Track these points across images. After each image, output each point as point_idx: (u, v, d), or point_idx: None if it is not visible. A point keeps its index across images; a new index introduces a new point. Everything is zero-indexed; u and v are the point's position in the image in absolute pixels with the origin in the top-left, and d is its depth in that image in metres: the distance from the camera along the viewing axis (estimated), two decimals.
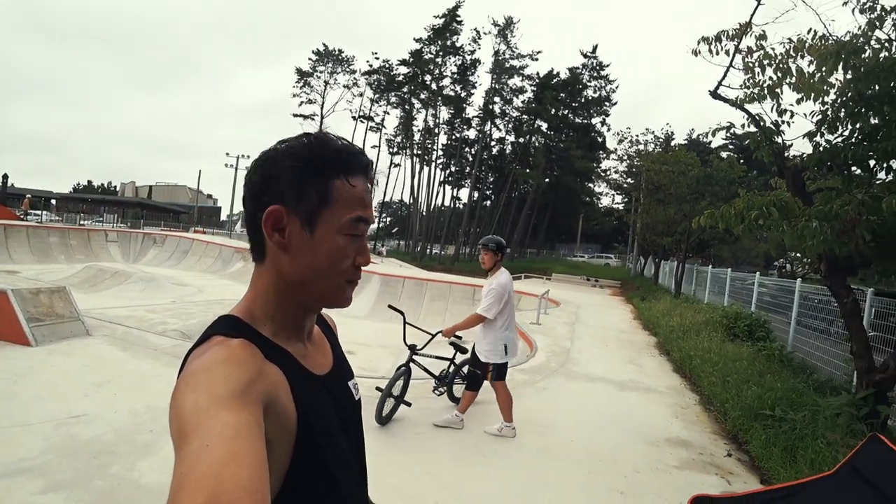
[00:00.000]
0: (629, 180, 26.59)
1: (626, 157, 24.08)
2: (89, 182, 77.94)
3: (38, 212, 28.00)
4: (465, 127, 42.07)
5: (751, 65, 3.61)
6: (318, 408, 0.65)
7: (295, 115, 41.56)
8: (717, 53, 3.65)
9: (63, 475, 2.66)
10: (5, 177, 28.37)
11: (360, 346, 8.99)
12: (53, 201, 38.48)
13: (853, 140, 3.44)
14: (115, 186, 74.62)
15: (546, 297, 11.20)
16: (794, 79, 3.41)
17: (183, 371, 0.56)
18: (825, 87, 3.37)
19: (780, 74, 3.47)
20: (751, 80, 3.66)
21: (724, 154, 20.63)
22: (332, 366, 0.76)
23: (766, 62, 3.53)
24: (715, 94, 3.79)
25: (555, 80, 40.39)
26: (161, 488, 2.58)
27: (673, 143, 23.09)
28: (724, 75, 3.74)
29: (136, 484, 2.63)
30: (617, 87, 41.87)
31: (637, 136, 23.56)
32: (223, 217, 61.14)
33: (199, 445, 0.43)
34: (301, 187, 0.64)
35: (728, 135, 4.12)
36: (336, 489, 0.66)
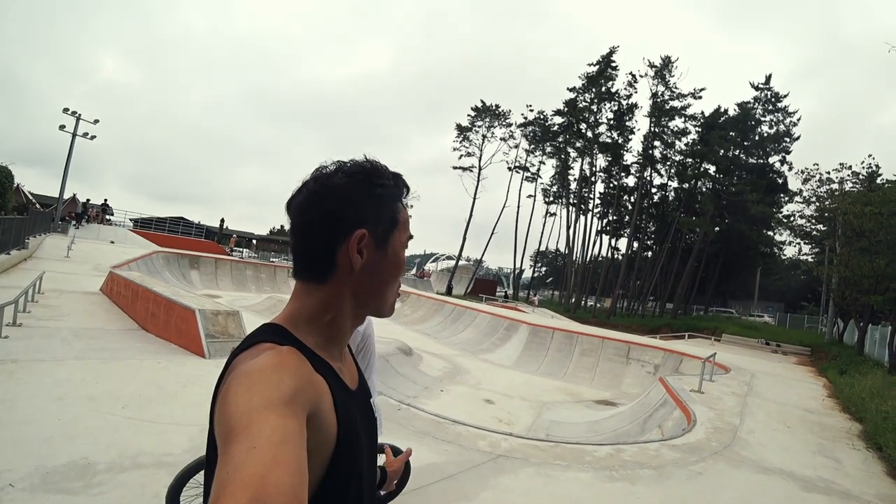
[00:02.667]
0: (820, 226, 22.20)
1: (814, 199, 20.13)
2: (282, 226, 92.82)
3: (241, 249, 33.85)
4: (623, 174, 40.35)
5: None
6: (353, 421, 0.66)
7: (455, 168, 44.23)
8: None
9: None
10: (222, 221, 35.22)
11: (502, 396, 8.73)
12: (254, 241, 46.34)
13: None
14: None
15: (712, 360, 9.63)
16: None
17: (235, 372, 0.58)
18: None
19: None
20: None
21: None
22: (360, 381, 0.79)
23: None
24: None
25: (722, 119, 36.65)
26: None
27: (880, 180, 18.68)
28: None
29: None
30: (799, 120, 36.16)
31: (828, 173, 19.51)
32: None
33: (247, 446, 0.45)
34: (380, 211, 0.72)
35: None
36: (361, 501, 0.67)
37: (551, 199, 44.74)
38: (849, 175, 18.89)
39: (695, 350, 13.14)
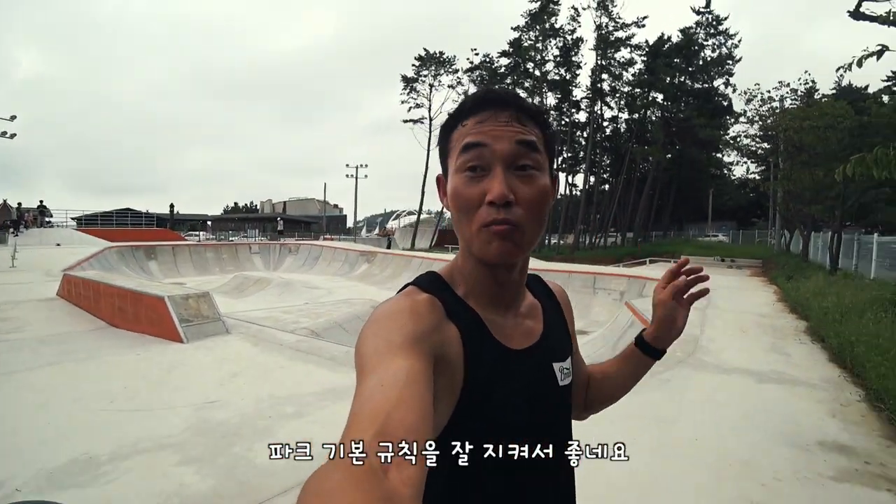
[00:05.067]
0: (764, 145, 23.18)
1: (757, 118, 20.91)
2: (235, 203, 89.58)
3: (196, 232, 32.69)
4: (574, 110, 40.27)
5: None
6: (492, 378, 0.64)
7: (405, 121, 43.26)
8: None
9: (196, 451, 3.03)
10: (172, 206, 33.72)
11: None
12: (209, 223, 44.74)
13: None
14: (256, 205, 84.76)
15: None
16: None
17: (373, 313, 0.61)
18: None
19: None
20: None
21: (885, 98, 17.01)
22: (537, 342, 0.72)
23: None
24: (857, 14, 3.01)
25: (667, 46, 36.86)
26: (272, 468, 2.80)
27: (817, 96, 19.51)
28: None
29: (251, 463, 2.90)
30: (740, 42, 36.96)
31: (768, 91, 20.20)
32: (349, 224, 66.12)
33: (376, 383, 0.48)
34: (444, 145, 0.70)
35: (879, 61, 3.20)
36: (498, 463, 0.62)
37: None
38: (788, 92, 19.62)
39: (656, 274, 13.77)
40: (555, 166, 0.73)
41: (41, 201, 26.70)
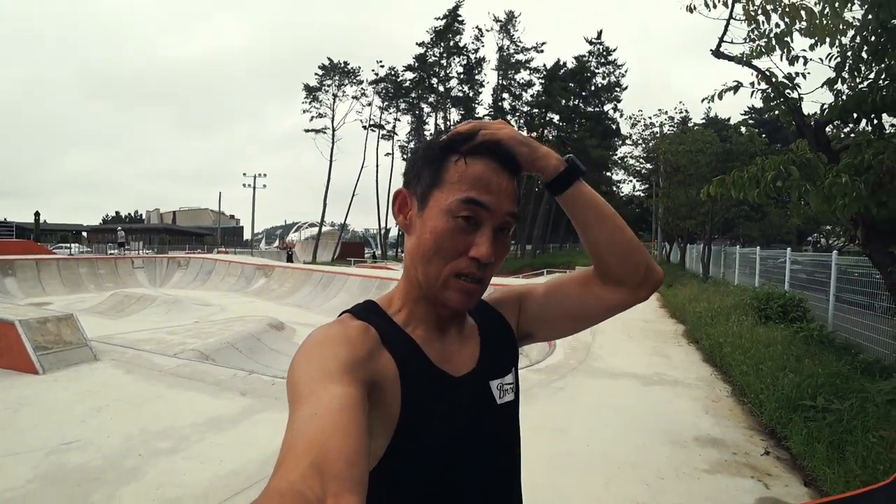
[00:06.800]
0: (647, 165, 25.78)
1: (640, 141, 23.28)
2: (117, 213, 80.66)
3: (67, 245, 28.88)
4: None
5: (753, 13, 3.20)
6: (431, 406, 0.63)
7: (307, 131, 42.02)
8: (715, 6, 3.29)
9: None
10: (37, 214, 29.52)
11: None
12: (84, 234, 39.76)
13: (881, 81, 2.99)
14: (142, 215, 76.92)
15: None
16: (804, 22, 3.02)
17: (305, 340, 0.59)
18: (840, 26, 2.97)
19: (787, 20, 3.07)
20: (755, 32, 3.26)
21: (743, 129, 19.77)
22: (475, 367, 0.71)
23: (769, 7, 3.12)
24: (717, 53, 3.42)
25: (562, 71, 39.91)
26: None
27: (690, 124, 22.16)
28: (725, 30, 3.34)
29: None
30: (626, 72, 41.21)
31: (650, 118, 22.62)
32: (247, 236, 62.27)
33: (310, 412, 0.46)
34: (421, 169, 0.65)
35: (737, 95, 3.67)
36: (439, 489, 0.63)
37: (408, 155, 45.14)
38: (666, 119, 21.96)
39: None
40: None
41: None
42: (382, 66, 41.06)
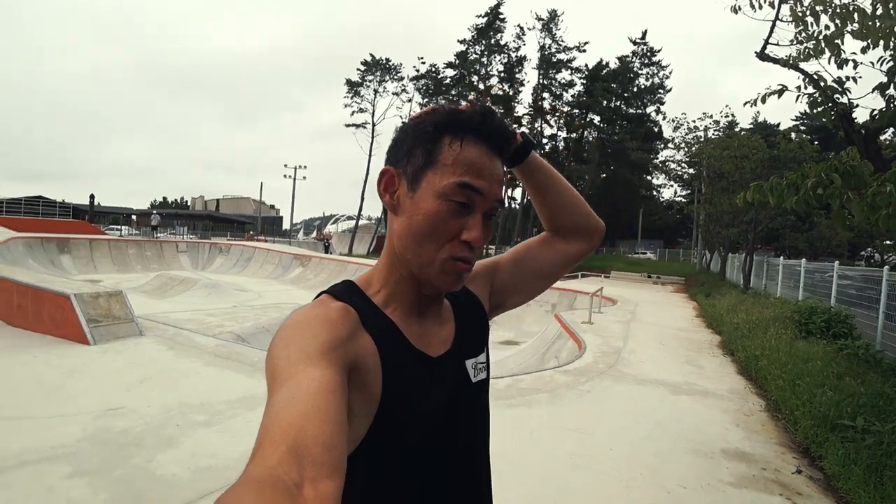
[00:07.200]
0: (689, 170, 24.95)
1: (683, 145, 22.52)
2: (164, 198, 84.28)
3: (118, 226, 30.42)
4: (515, 126, 41.41)
5: (801, 14, 3.06)
6: (411, 387, 0.63)
7: (348, 125, 42.65)
8: (761, 7, 3.16)
9: (90, 463, 2.78)
10: (92, 197, 31.21)
11: None
12: (133, 217, 41.76)
13: None
14: (187, 201, 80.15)
15: (599, 294, 10.66)
16: (855, 24, 2.87)
17: (284, 322, 0.58)
18: (895, 28, 2.81)
19: (838, 21, 2.92)
20: (803, 34, 3.12)
21: (793, 136, 18.88)
22: (452, 345, 0.72)
23: (819, 8, 2.98)
24: (762, 56, 3.29)
25: (605, 71, 38.92)
26: (173, 480, 2.62)
27: (737, 129, 21.28)
28: (771, 31, 3.21)
29: (152, 475, 2.68)
30: (670, 73, 39.73)
31: (694, 121, 21.85)
32: (285, 226, 63.93)
33: (287, 395, 0.46)
34: (412, 147, 0.64)
35: (789, 100, 3.52)
36: (418, 470, 0.65)
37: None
38: (711, 122, 21.20)
39: (586, 287, 14.36)
40: None
41: None
42: (423, 63, 41.22)
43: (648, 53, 39.36)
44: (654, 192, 46.68)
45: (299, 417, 0.43)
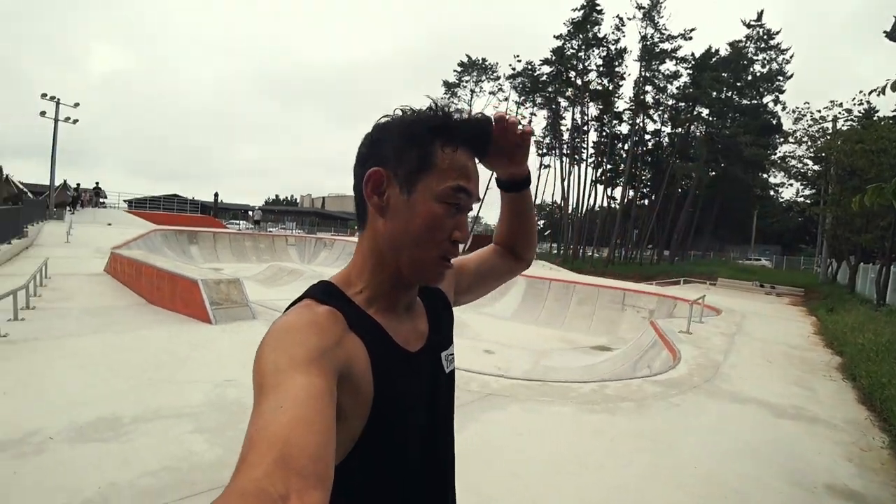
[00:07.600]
0: (814, 167, 21.99)
1: (805, 139, 19.73)
2: (276, 196, 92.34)
3: (237, 221, 33.88)
4: (615, 122, 39.37)
5: None
6: (399, 384, 0.65)
7: None
8: None
9: (209, 423, 3.30)
10: (216, 195, 35.10)
11: (501, 346, 9.08)
12: (250, 213, 46.32)
13: None
14: (297, 199, 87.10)
15: (701, 302, 9.91)
16: None
17: (269, 329, 0.58)
18: None
19: None
20: None
21: None
22: (427, 339, 0.74)
23: None
24: (893, 35, 2.87)
25: (714, 59, 35.66)
26: None
27: (876, 118, 18.25)
28: None
29: None
30: (791, 58, 35.19)
31: (819, 111, 18.88)
32: None
33: (274, 404, 0.46)
34: (403, 150, 0.65)
35: None
36: (404, 464, 0.66)
37: (544, 150, 43.51)
38: (841, 112, 18.52)
39: (688, 294, 13.43)
40: None
41: (97, 183, 28.36)
42: (519, 61, 40.80)
43: (765, 36, 35.40)
44: (772, 192, 41.97)
45: (286, 427, 0.43)
